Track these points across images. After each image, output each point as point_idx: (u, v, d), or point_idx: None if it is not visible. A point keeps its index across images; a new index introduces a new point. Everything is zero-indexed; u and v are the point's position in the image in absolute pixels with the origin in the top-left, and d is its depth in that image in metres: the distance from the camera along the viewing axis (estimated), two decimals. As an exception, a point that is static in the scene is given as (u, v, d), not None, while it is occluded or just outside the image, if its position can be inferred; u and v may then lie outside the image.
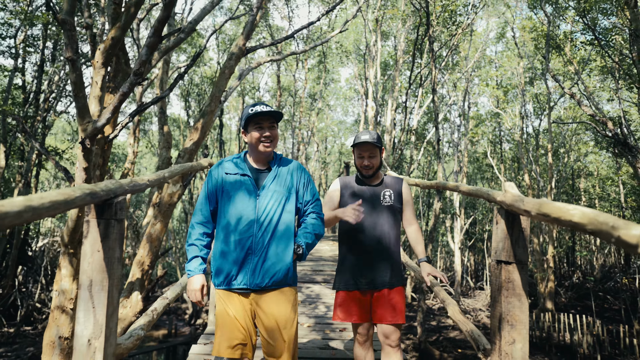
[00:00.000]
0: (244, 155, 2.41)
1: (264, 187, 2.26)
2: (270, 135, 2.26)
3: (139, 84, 4.80)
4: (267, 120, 2.26)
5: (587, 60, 16.97)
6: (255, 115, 2.21)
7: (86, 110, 4.49)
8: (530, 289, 20.78)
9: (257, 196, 2.23)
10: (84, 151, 4.54)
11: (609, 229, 1.19)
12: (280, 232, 2.22)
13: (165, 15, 4.17)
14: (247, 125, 2.28)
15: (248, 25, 6.38)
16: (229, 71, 6.45)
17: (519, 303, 1.74)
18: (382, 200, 2.71)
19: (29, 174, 15.47)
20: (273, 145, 2.29)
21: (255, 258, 2.17)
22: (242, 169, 2.30)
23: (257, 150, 2.28)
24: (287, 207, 2.27)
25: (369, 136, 2.68)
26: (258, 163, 2.35)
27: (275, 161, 2.36)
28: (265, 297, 2.21)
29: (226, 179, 2.29)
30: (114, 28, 5.20)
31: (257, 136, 2.25)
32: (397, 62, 17.93)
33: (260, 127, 2.25)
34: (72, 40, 4.27)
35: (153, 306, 2.41)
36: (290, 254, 2.23)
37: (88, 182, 4.74)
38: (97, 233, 1.67)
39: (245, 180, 2.27)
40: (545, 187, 18.88)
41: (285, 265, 2.21)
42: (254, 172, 2.32)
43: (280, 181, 2.29)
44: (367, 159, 2.70)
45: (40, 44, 15.46)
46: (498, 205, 1.86)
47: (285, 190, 2.28)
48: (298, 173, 2.37)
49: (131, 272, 5.77)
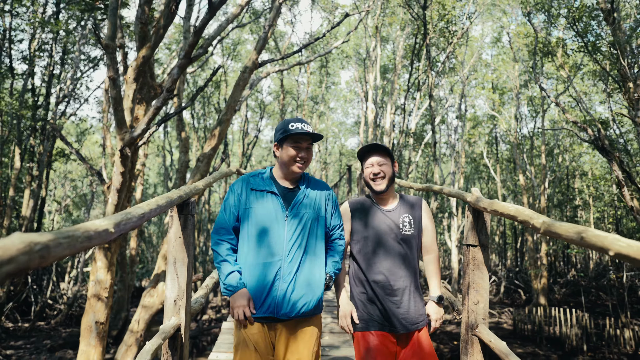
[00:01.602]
0: (270, 171, 2.23)
1: (293, 208, 2.10)
2: (306, 156, 2.13)
3: (171, 99, 5.45)
4: (306, 140, 2.12)
5: (579, 65, 17.63)
6: (296, 133, 2.08)
7: (124, 122, 5.14)
8: (524, 286, 21.48)
9: (285, 217, 2.08)
10: (122, 157, 5.19)
11: (529, 219, 1.86)
12: (311, 257, 2.09)
13: (195, 40, 4.82)
14: (284, 140, 2.13)
15: (260, 41, 7.02)
16: (243, 83, 7.10)
17: (481, 274, 2.41)
18: (402, 229, 2.34)
19: (42, 176, 16.06)
20: (306, 166, 2.16)
21: (284, 285, 2.02)
22: (270, 186, 2.14)
23: (288, 168, 2.13)
24: (317, 231, 2.14)
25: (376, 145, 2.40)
26: (286, 181, 2.19)
27: (304, 181, 2.22)
28: (292, 329, 2.07)
29: (251, 196, 2.12)
30: (144, 47, 5.85)
31: (293, 155, 2.10)
32: (395, 68, 18.60)
33: (297, 147, 2.11)
34: (114, 61, 4.93)
35: (205, 283, 3.04)
36: (322, 283, 2.10)
37: (124, 184, 5.40)
38: (179, 224, 2.34)
39: (273, 199, 2.11)
40: (539, 187, 19.52)
41: (316, 296, 2.08)
42: (282, 190, 2.16)
43: (310, 203, 2.15)
44: (377, 165, 2.36)
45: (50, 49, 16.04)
46: (468, 204, 2.52)
47: (315, 213, 2.14)
48: (327, 196, 2.23)
49: (157, 265, 6.40)
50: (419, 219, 2.40)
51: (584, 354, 12.05)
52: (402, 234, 2.33)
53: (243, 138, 22.50)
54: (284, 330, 2.06)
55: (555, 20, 15.96)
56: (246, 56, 22.23)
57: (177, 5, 5.49)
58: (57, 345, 12.06)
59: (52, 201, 24.79)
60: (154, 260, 27.13)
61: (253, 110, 25.93)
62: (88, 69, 17.68)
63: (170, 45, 20.25)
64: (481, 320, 2.37)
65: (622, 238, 1.34)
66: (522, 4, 15.48)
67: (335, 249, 2.25)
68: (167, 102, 5.08)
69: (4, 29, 14.33)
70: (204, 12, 27.18)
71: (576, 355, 12.00)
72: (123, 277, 13.46)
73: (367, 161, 2.40)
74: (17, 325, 14.49)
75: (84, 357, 5.71)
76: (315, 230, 2.14)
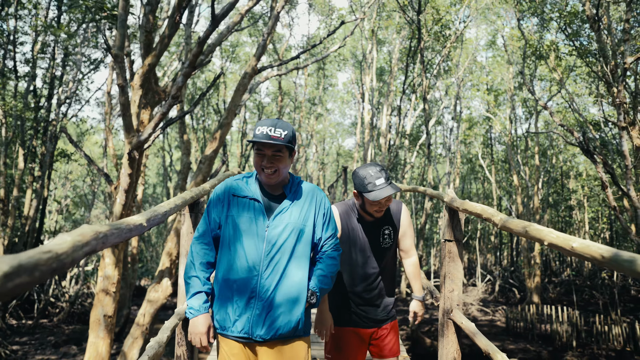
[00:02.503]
0: (256, 175, 2.02)
1: (276, 217, 1.91)
2: (272, 165, 1.89)
3: (176, 105, 5.76)
4: (269, 147, 1.88)
5: (572, 67, 17.99)
6: (255, 141, 1.85)
7: (131, 127, 5.47)
8: (519, 285, 21.87)
9: (266, 227, 1.89)
10: (129, 160, 5.51)
11: (491, 216, 2.19)
12: (291, 273, 1.88)
13: (199, 50, 5.14)
14: (253, 146, 1.96)
15: (259, 48, 7.34)
16: (243, 88, 7.42)
17: (456, 266, 2.74)
18: (382, 242, 2.45)
19: (44, 176, 16.35)
20: (278, 175, 1.91)
21: (259, 303, 1.84)
22: (253, 193, 1.94)
23: (260, 176, 1.94)
24: (301, 242, 1.93)
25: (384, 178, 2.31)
26: (271, 188, 1.98)
27: (292, 186, 2.01)
28: (274, 353, 1.89)
29: (233, 202, 1.94)
30: (149, 55, 6.17)
31: (257, 162, 1.91)
32: (391, 71, 18.94)
33: (261, 154, 1.89)
34: (122, 70, 5.25)
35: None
36: (302, 302, 1.90)
37: (132, 185, 5.72)
38: (190, 222, 2.67)
39: (255, 206, 1.92)
40: (532, 187, 19.89)
41: (295, 317, 1.88)
42: (267, 197, 1.97)
43: (297, 211, 1.94)
44: (385, 204, 2.36)
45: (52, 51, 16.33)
46: (445, 203, 2.85)
47: (302, 223, 1.93)
48: (318, 202, 2.01)
49: (161, 262, 6.72)
50: (397, 226, 2.51)
51: (573, 350, 12.41)
52: (382, 246, 2.46)
53: (241, 139, 22.82)
54: (266, 354, 1.88)
55: (548, 24, 16.31)
56: (244, 58, 22.57)
57: (181, 16, 5.81)
58: (61, 341, 12.37)
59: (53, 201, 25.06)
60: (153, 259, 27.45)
61: (251, 111, 26.25)
62: (89, 70, 17.98)
63: (170, 48, 20.56)
64: (455, 306, 2.71)
65: (554, 231, 1.68)
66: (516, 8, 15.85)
67: (325, 262, 2.01)
68: (172, 108, 5.40)
69: (8, 32, 14.62)
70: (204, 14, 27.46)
71: (566, 351, 12.36)
72: (125, 275, 13.78)
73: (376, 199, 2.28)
74: (20, 323, 14.78)
75: (92, 349, 6.03)
76: (299, 242, 1.92)
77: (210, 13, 4.81)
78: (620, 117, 7.17)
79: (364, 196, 2.34)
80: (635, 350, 11.75)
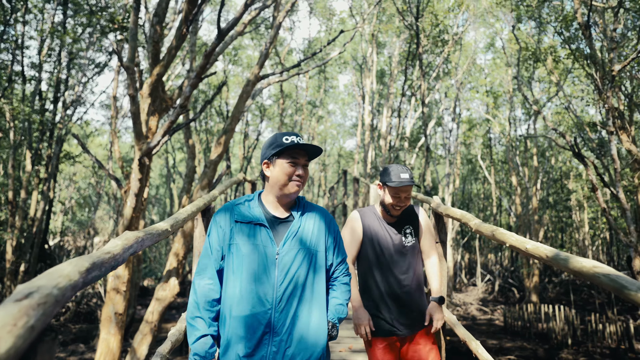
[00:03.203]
0: (259, 196, 1.92)
1: (286, 242, 1.78)
2: (304, 175, 1.83)
3: (183, 114, 6.07)
4: (303, 155, 1.83)
5: (570, 69, 18.26)
6: (293, 147, 1.79)
7: (142, 134, 5.78)
8: (518, 284, 22.15)
9: (276, 255, 1.76)
10: (140, 165, 5.83)
11: (468, 221, 2.49)
12: (308, 304, 1.77)
13: (205, 62, 5.46)
14: (277, 156, 1.82)
15: (262, 57, 7.66)
16: (247, 95, 7.74)
17: (441, 264, 3.04)
18: (404, 240, 2.51)
19: (51, 178, 16.69)
20: (302, 187, 1.85)
21: (276, 339, 1.71)
22: (257, 217, 1.81)
23: (283, 190, 1.82)
24: (316, 269, 1.82)
25: (408, 175, 2.42)
26: (278, 209, 1.86)
27: (298, 207, 1.90)
28: None
29: (235, 229, 1.80)
30: (158, 65, 6.49)
31: (290, 172, 1.79)
32: (391, 73, 19.24)
33: (294, 163, 1.80)
34: (133, 80, 5.56)
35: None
36: (324, 334, 1.78)
37: (142, 189, 6.04)
38: (202, 225, 2.98)
39: (262, 231, 1.79)
40: (531, 188, 20.16)
41: (317, 351, 1.76)
42: (273, 221, 1.83)
43: (307, 235, 1.83)
44: (404, 200, 2.45)
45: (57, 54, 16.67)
46: (431, 208, 3.15)
47: (314, 247, 1.83)
48: (327, 225, 1.91)
49: (168, 262, 7.03)
50: (418, 226, 2.57)
51: (568, 348, 12.69)
52: (405, 245, 2.50)
53: (244, 140, 23.13)
54: None
55: (545, 27, 16.60)
56: (247, 61, 22.88)
57: (187, 29, 6.13)
58: (69, 339, 12.71)
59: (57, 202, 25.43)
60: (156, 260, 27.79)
61: (253, 113, 26.58)
62: (94, 74, 18.33)
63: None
64: (440, 301, 3.01)
65: (514, 235, 1.99)
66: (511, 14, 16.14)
67: (339, 289, 1.92)
68: (179, 116, 5.71)
69: (16, 38, 14.97)
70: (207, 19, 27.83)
71: (562, 349, 12.64)
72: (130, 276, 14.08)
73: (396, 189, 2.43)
74: (28, 322, 15.13)
75: (104, 344, 6.35)
76: (313, 269, 1.80)
77: (217, 28, 5.11)
78: (610, 122, 7.46)
79: (386, 186, 2.46)
80: (629, 348, 12.03)
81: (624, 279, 1.32)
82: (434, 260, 2.59)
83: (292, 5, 7.62)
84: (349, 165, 32.36)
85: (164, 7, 7.00)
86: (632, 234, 7.21)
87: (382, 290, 2.48)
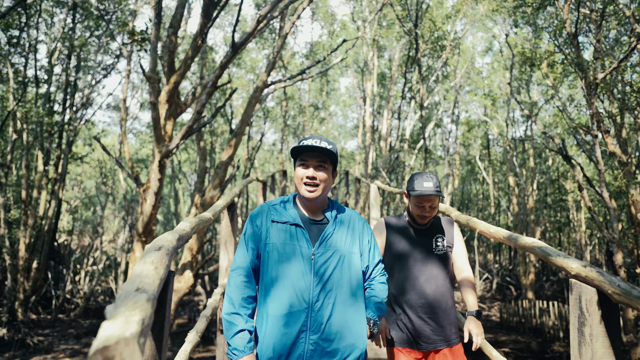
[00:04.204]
0: (294, 198, 1.97)
1: (322, 243, 1.82)
2: (315, 177, 1.83)
3: (199, 120, 6.59)
4: (314, 157, 1.85)
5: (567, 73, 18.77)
6: (300, 149, 1.84)
7: (162, 138, 6.32)
8: (516, 282, 22.69)
9: (312, 255, 1.80)
10: (159, 166, 6.37)
11: (449, 212, 3.02)
12: (345, 303, 1.79)
13: (220, 73, 6.00)
14: (295, 160, 1.90)
15: (270, 65, 8.19)
16: (255, 100, 8.27)
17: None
18: (435, 248, 2.44)
19: (62, 178, 17.24)
20: (319, 191, 1.85)
21: (312, 337, 1.73)
22: (293, 218, 1.86)
23: (300, 193, 1.89)
24: (352, 269, 1.85)
25: (432, 184, 2.38)
26: (311, 211, 1.91)
27: (331, 209, 1.94)
28: None
29: (272, 229, 1.85)
30: (174, 74, 7.03)
31: (300, 175, 1.86)
32: (392, 77, 19.78)
33: (304, 165, 1.85)
34: (155, 89, 6.10)
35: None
36: (362, 333, 1.81)
37: (160, 188, 6.58)
38: (228, 218, 3.52)
39: (298, 232, 1.83)
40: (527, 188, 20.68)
41: (358, 349, 1.78)
42: (308, 222, 1.89)
43: (342, 236, 1.88)
44: (429, 210, 2.42)
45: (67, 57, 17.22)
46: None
47: (349, 249, 1.87)
48: (361, 228, 1.96)
49: (183, 256, 7.56)
50: (451, 239, 2.51)
51: (560, 341, 13.22)
52: (435, 253, 2.44)
53: (247, 141, 23.67)
54: None
55: (540, 32, 17.11)
56: (250, 64, 23.41)
57: (202, 40, 6.67)
58: (82, 333, 13.26)
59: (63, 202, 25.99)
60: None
61: (257, 115, 27.13)
62: (102, 76, 18.88)
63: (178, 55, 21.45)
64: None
65: (483, 222, 2.52)
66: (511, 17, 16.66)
67: (377, 288, 1.95)
68: (197, 122, 6.25)
69: (29, 42, 15.53)
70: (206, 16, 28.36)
71: (554, 342, 13.18)
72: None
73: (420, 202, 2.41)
74: (39, 317, 15.68)
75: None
76: (349, 270, 1.84)
77: (231, 43, 5.64)
78: (594, 127, 7.98)
79: (410, 195, 2.43)
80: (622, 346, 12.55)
81: (549, 249, 1.86)
82: (469, 276, 2.48)
83: (297, 16, 8.16)
84: (351, 165, 32.90)
85: (179, 18, 7.54)
86: (614, 231, 7.73)
87: (404, 298, 2.40)
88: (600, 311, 1.55)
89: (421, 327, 2.35)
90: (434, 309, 2.36)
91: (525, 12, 15.08)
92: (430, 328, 2.35)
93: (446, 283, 2.43)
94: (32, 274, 15.83)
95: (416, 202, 2.41)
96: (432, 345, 2.34)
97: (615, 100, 12.12)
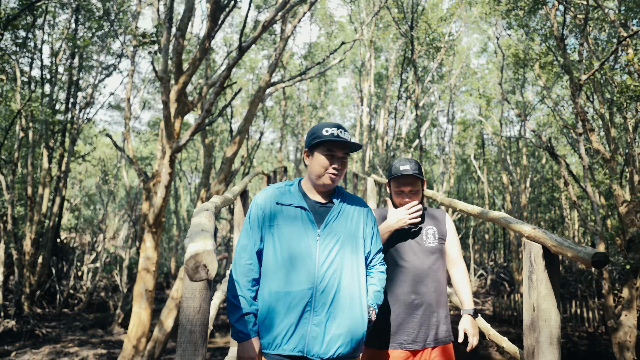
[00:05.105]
0: (299, 183, 1.99)
1: (327, 226, 1.85)
2: (340, 168, 1.89)
3: (208, 117, 7.03)
4: (342, 149, 1.89)
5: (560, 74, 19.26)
6: (330, 140, 1.85)
7: (172, 135, 6.75)
8: (509, 279, 23.19)
9: (317, 236, 1.82)
10: (170, 161, 6.80)
11: (435, 197, 3.47)
12: (349, 286, 1.81)
13: (228, 74, 6.43)
14: (316, 147, 1.89)
15: (272, 67, 8.63)
16: (258, 100, 8.71)
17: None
18: (425, 240, 2.31)
19: (66, 176, 17.62)
20: (339, 179, 1.91)
21: (315, 318, 1.75)
22: (298, 200, 1.88)
23: (318, 180, 1.89)
24: (355, 252, 1.88)
25: (409, 166, 2.29)
26: (317, 195, 1.94)
27: (337, 195, 1.96)
28: None
29: (277, 210, 1.86)
30: (183, 75, 7.47)
31: (326, 165, 1.86)
32: (388, 77, 20.25)
33: (332, 156, 1.87)
34: (166, 89, 6.53)
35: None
36: (364, 317, 1.83)
37: (170, 182, 7.01)
38: (240, 204, 3.97)
39: (303, 214, 1.86)
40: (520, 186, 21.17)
41: (358, 333, 1.80)
42: (313, 205, 1.91)
43: (346, 221, 1.90)
44: (408, 195, 2.32)
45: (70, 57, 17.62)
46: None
47: (353, 232, 1.89)
48: (365, 214, 1.97)
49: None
50: (443, 231, 2.37)
51: (550, 332, 13.71)
52: (426, 246, 2.30)
53: (247, 140, 24.12)
54: None
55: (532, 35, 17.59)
56: (249, 64, 23.82)
57: (210, 43, 7.10)
58: (87, 325, 13.67)
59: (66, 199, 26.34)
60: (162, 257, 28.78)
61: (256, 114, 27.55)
62: (104, 76, 19.27)
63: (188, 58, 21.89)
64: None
65: (461, 202, 2.97)
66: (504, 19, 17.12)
67: (377, 277, 1.98)
68: (205, 119, 6.68)
69: (35, 43, 15.92)
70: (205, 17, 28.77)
71: (544, 333, 13.66)
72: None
73: (397, 183, 2.34)
74: (44, 311, 16.07)
75: (136, 317, 7.32)
76: (354, 252, 1.86)
77: (238, 47, 6.08)
78: (579, 125, 8.46)
79: (390, 182, 2.37)
80: (605, 332, 13.05)
81: (510, 218, 2.32)
82: (461, 268, 2.38)
83: (298, 20, 8.60)
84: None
85: (186, 22, 7.97)
86: (597, 223, 8.21)
87: (391, 294, 2.27)
88: (544, 262, 2.00)
89: (409, 325, 2.21)
90: (426, 308, 2.22)
91: (518, 14, 15.54)
92: (418, 326, 2.20)
93: (437, 277, 2.28)
94: (37, 269, 16.21)
95: (395, 186, 2.34)
96: (420, 344, 2.19)
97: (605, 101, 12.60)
